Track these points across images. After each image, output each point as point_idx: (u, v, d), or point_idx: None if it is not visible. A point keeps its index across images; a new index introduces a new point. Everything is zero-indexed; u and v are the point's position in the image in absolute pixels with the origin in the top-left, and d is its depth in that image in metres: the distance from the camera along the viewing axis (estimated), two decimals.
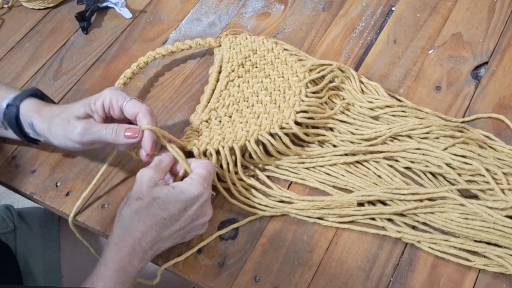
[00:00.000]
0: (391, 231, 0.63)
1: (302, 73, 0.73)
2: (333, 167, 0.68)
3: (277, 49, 0.76)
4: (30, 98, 0.67)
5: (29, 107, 0.66)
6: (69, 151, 0.73)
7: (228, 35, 0.79)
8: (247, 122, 0.69)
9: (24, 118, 0.66)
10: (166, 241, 0.59)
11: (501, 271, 0.59)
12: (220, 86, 0.74)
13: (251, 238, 0.65)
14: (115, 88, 0.64)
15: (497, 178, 0.64)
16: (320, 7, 0.86)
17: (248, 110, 0.71)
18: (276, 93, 0.72)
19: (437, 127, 0.68)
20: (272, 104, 0.70)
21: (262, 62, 0.76)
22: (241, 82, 0.74)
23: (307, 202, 0.65)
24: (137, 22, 0.88)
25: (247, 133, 0.67)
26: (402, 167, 0.67)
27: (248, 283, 0.62)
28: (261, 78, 0.74)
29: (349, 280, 0.61)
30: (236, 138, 0.67)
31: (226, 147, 0.66)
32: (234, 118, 0.70)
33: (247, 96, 0.72)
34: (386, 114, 0.71)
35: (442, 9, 0.84)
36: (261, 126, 0.68)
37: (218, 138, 0.67)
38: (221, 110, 0.71)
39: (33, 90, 0.68)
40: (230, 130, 0.68)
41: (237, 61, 0.76)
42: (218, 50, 0.79)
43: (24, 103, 0.66)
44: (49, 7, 0.91)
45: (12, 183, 0.72)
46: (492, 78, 0.75)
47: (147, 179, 0.59)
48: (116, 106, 0.62)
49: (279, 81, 0.73)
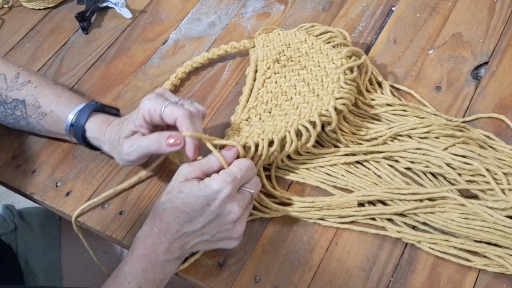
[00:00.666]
0: (391, 231, 0.63)
1: (339, 60, 0.71)
2: (333, 167, 0.68)
3: (310, 40, 0.75)
4: (93, 116, 0.67)
5: (94, 128, 0.67)
6: (68, 151, 0.73)
7: (260, 34, 0.78)
8: (286, 114, 0.68)
9: (92, 140, 0.68)
10: (192, 238, 0.58)
11: (501, 271, 0.60)
12: (258, 84, 0.73)
13: (251, 238, 0.65)
14: (150, 96, 0.62)
15: (497, 178, 0.64)
16: (320, 7, 0.86)
17: (288, 103, 0.70)
18: (314, 82, 0.71)
19: (437, 127, 0.68)
20: (310, 94, 0.69)
21: (297, 54, 0.75)
22: (278, 77, 0.73)
23: (308, 203, 0.65)
24: (137, 22, 0.88)
25: (286, 123, 0.66)
26: (403, 167, 0.67)
27: (248, 283, 0.62)
28: (297, 71, 0.73)
29: (349, 280, 0.61)
30: (276, 130, 0.66)
31: (265, 139, 0.65)
32: (273, 113, 0.69)
33: (285, 90, 0.71)
34: (387, 112, 0.71)
35: (442, 9, 0.84)
36: (301, 115, 0.67)
37: (258, 132, 0.66)
38: (260, 107, 0.71)
39: (92, 105, 0.68)
40: (270, 123, 0.67)
41: (271, 58, 0.75)
42: (253, 51, 0.78)
43: (88, 124, 0.67)
44: (49, 7, 0.90)
45: (12, 183, 0.72)
46: (492, 78, 0.75)
47: (180, 174, 0.59)
48: (156, 116, 0.60)
49: (316, 71, 0.72)
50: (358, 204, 0.65)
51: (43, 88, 0.69)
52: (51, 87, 0.70)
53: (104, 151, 0.68)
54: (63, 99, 0.69)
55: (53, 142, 0.74)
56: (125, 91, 0.79)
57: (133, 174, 0.70)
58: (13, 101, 0.69)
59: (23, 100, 0.69)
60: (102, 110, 0.69)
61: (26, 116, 0.69)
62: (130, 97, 0.78)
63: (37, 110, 0.69)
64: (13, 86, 0.69)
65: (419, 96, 0.74)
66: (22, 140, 0.75)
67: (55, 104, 0.68)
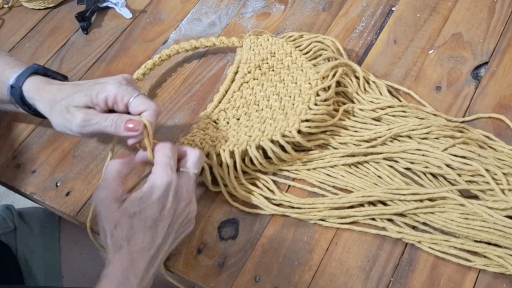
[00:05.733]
0: (391, 231, 0.63)
1: (315, 80, 0.71)
2: (333, 168, 0.68)
3: (295, 54, 0.75)
4: (32, 76, 0.65)
5: (31, 87, 0.63)
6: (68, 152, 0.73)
7: (250, 35, 0.78)
8: (252, 127, 0.69)
9: (29, 100, 0.65)
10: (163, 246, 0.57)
11: (501, 271, 0.59)
12: (234, 87, 0.73)
13: (251, 238, 0.65)
14: (119, 81, 0.61)
15: (497, 179, 0.64)
16: (320, 7, 0.86)
17: (257, 114, 0.70)
18: (286, 99, 0.71)
19: (437, 127, 0.68)
20: (280, 110, 0.70)
21: (279, 66, 0.75)
22: (256, 84, 0.73)
23: (308, 205, 0.65)
24: (137, 22, 0.88)
25: (249, 138, 0.67)
26: (402, 168, 0.67)
27: (248, 283, 0.62)
28: (275, 82, 0.73)
29: (349, 280, 0.61)
30: (238, 142, 0.67)
31: (226, 151, 0.66)
32: (241, 121, 0.70)
33: (258, 99, 0.72)
34: (387, 114, 0.71)
35: (442, 9, 0.84)
36: (264, 132, 0.67)
37: (221, 141, 0.67)
38: (230, 111, 0.71)
39: (34, 67, 0.65)
40: (234, 133, 0.68)
41: (254, 62, 0.75)
42: (239, 51, 0.78)
43: (26, 84, 0.64)
44: (49, 7, 0.90)
45: (12, 183, 0.72)
46: (492, 78, 0.75)
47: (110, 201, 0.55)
48: (121, 103, 0.60)
49: (292, 87, 0.72)
50: (358, 205, 0.65)
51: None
52: (2, 56, 0.68)
53: (40, 110, 0.64)
54: (9, 65, 0.66)
55: (53, 142, 0.74)
56: None
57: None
58: None
59: None
60: (44, 74, 0.66)
61: None
62: None
63: None
64: None
65: (418, 97, 0.74)
66: (22, 140, 0.75)
67: (1, 70, 0.66)
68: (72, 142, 0.74)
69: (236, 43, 0.79)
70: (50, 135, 0.75)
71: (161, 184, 0.56)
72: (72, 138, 0.74)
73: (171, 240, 0.58)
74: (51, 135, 0.75)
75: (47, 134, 0.75)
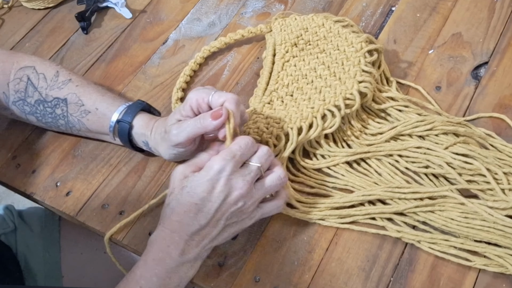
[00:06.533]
0: (391, 231, 0.63)
1: (359, 44, 0.72)
2: (333, 167, 0.68)
3: (328, 24, 0.76)
4: (140, 114, 0.68)
5: (142, 124, 0.67)
6: (68, 151, 0.73)
7: (277, 19, 0.79)
8: (309, 99, 0.69)
9: (138, 136, 0.68)
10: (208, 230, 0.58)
11: (501, 271, 0.59)
12: (277, 67, 0.74)
13: (251, 238, 0.65)
14: (196, 88, 0.63)
15: (497, 178, 0.64)
16: (320, 7, 0.86)
17: (309, 86, 0.71)
18: (334, 65, 0.71)
19: (440, 123, 0.68)
20: (332, 77, 0.70)
21: (315, 38, 0.75)
22: (297, 61, 0.74)
23: (308, 205, 0.65)
24: (137, 22, 0.88)
25: (312, 109, 0.67)
26: (403, 166, 0.67)
27: (248, 283, 0.62)
28: (316, 54, 0.74)
29: (349, 280, 0.61)
30: (303, 117, 0.67)
31: (294, 128, 0.66)
32: (296, 96, 0.70)
33: (305, 73, 0.72)
34: (392, 107, 0.71)
35: (442, 9, 0.84)
36: (325, 101, 0.68)
37: (286, 121, 0.67)
38: (281, 90, 0.71)
39: (142, 104, 0.69)
40: (295, 109, 0.68)
41: (289, 41, 0.75)
42: (269, 35, 0.79)
43: (136, 121, 0.67)
44: (49, 7, 0.91)
45: (12, 183, 0.72)
46: (492, 78, 0.75)
47: (178, 173, 0.60)
48: (203, 104, 0.61)
49: (336, 54, 0.72)
50: (358, 204, 0.65)
51: (85, 87, 0.70)
52: (93, 86, 0.70)
53: (150, 147, 0.68)
54: (107, 98, 0.69)
55: (53, 142, 0.74)
56: (125, 91, 0.79)
57: (134, 175, 0.70)
58: (54, 100, 0.69)
59: (65, 99, 0.69)
60: (147, 110, 0.70)
61: (67, 114, 0.69)
62: (130, 97, 0.78)
63: (80, 108, 0.69)
64: (54, 85, 0.69)
65: (425, 93, 0.74)
66: (22, 140, 0.75)
67: (100, 102, 0.68)
68: (72, 142, 0.74)
69: (265, 30, 0.80)
70: (50, 135, 0.75)
71: (216, 167, 0.57)
72: (72, 138, 0.74)
73: (220, 226, 0.58)
74: (51, 135, 0.75)
75: (47, 134, 0.75)
